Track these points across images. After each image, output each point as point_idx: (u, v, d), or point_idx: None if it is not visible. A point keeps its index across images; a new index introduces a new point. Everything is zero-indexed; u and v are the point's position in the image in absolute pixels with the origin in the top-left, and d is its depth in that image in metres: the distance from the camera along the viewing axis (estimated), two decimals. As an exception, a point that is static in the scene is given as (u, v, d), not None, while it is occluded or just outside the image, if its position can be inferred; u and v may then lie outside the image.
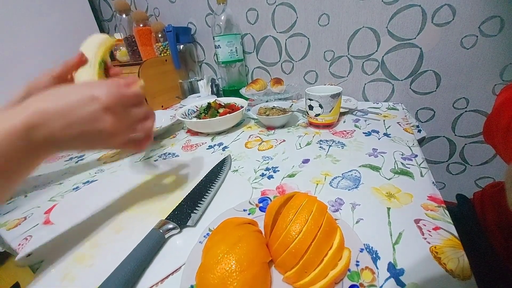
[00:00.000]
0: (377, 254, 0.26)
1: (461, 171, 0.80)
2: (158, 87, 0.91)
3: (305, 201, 0.26)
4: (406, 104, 0.75)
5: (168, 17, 1.01)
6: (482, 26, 0.60)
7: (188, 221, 0.33)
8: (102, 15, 1.19)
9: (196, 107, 0.72)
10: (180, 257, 0.28)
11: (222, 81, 0.96)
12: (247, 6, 0.84)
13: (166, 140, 0.64)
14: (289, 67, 0.88)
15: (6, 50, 0.81)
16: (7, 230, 0.38)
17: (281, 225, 0.25)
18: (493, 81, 0.65)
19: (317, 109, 0.57)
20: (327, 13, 0.74)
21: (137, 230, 0.34)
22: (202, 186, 0.40)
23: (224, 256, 0.22)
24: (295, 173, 0.43)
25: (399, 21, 0.67)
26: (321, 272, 0.22)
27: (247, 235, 0.25)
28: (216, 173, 0.44)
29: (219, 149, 0.56)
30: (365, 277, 0.23)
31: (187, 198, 0.38)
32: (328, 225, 0.24)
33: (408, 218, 0.31)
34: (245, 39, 0.91)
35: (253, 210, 0.34)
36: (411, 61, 0.70)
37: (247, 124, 0.69)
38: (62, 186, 0.48)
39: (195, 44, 1.02)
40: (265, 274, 0.23)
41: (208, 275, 0.21)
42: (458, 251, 0.26)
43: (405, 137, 0.51)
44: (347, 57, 0.78)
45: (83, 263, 0.30)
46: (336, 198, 0.35)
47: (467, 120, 0.72)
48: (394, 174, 0.39)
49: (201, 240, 0.29)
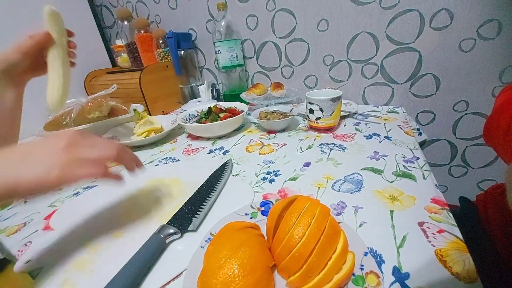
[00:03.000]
0: (382, 257, 0.26)
1: (463, 174, 0.79)
2: (159, 93, 0.92)
3: (308, 204, 0.26)
4: (406, 107, 0.75)
5: (169, 24, 1.02)
6: (480, 30, 0.61)
7: (189, 226, 0.33)
8: (104, 22, 1.21)
9: (196, 111, 0.73)
10: (181, 263, 0.28)
11: (222, 86, 0.97)
12: (247, 12, 0.85)
13: (167, 145, 0.64)
14: (289, 71, 0.89)
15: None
16: (6, 236, 0.37)
17: (284, 229, 0.25)
18: (493, 84, 0.65)
19: (317, 113, 0.57)
20: (326, 18, 0.75)
21: (137, 235, 0.33)
22: (203, 191, 0.40)
23: (227, 260, 0.22)
24: (296, 176, 0.43)
25: (398, 26, 0.68)
26: (325, 276, 0.22)
27: (250, 239, 0.24)
28: (217, 177, 0.43)
29: (220, 153, 0.56)
30: (370, 281, 0.22)
31: (188, 203, 0.37)
32: (331, 228, 0.24)
33: (411, 221, 0.30)
34: (245, 44, 0.92)
35: (255, 214, 0.33)
36: (410, 65, 0.71)
37: (248, 128, 0.69)
38: (62, 192, 0.48)
39: (196, 50, 1.03)
40: (268, 278, 0.23)
41: (210, 280, 0.21)
42: (463, 254, 0.25)
43: (406, 140, 0.51)
44: (347, 62, 0.78)
45: (83, 269, 0.29)
46: (339, 202, 0.35)
47: (468, 122, 0.72)
48: (396, 177, 0.39)
49: (202, 245, 0.29)
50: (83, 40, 1.02)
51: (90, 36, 1.06)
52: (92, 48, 1.08)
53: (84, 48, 1.05)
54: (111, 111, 0.74)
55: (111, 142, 0.31)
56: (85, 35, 1.04)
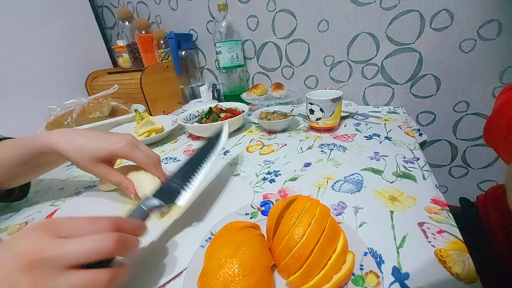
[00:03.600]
0: (381, 258, 0.26)
1: (464, 175, 0.79)
2: (159, 93, 0.92)
3: (308, 204, 0.26)
4: (407, 107, 0.75)
5: (170, 24, 1.02)
6: (480, 30, 0.61)
7: (176, 199, 0.31)
8: (105, 23, 1.21)
9: (197, 112, 0.73)
10: (181, 262, 0.28)
11: (223, 87, 0.97)
12: (248, 13, 0.86)
13: (167, 145, 0.65)
14: (289, 72, 0.89)
15: (10, 57, 0.83)
16: (8, 235, 0.37)
17: (284, 228, 0.25)
18: (493, 84, 0.65)
19: (318, 113, 0.57)
20: (326, 19, 0.75)
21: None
22: (195, 160, 0.36)
23: (227, 260, 0.22)
24: (297, 176, 0.43)
25: (398, 26, 0.68)
26: (325, 276, 0.22)
27: (250, 239, 0.25)
28: (210, 145, 0.39)
29: (221, 153, 0.56)
30: (370, 281, 0.22)
31: (178, 174, 0.34)
32: (331, 228, 0.24)
33: (411, 222, 0.30)
34: (245, 45, 0.92)
35: (255, 214, 0.34)
36: (411, 65, 0.71)
37: (248, 129, 0.69)
38: (64, 191, 0.48)
39: (197, 50, 1.04)
40: (268, 278, 0.23)
41: (210, 279, 0.21)
42: (463, 254, 0.25)
43: (407, 141, 0.51)
44: (347, 62, 0.78)
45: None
46: (339, 202, 0.35)
47: (468, 123, 0.72)
48: (397, 177, 0.39)
49: (203, 244, 0.29)
50: (85, 41, 1.04)
51: (91, 37, 1.07)
52: (93, 49, 1.08)
53: (85, 48, 1.08)
54: (112, 111, 0.75)
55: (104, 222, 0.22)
56: (86, 36, 1.04)
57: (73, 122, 0.68)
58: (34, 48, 0.88)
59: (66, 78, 0.98)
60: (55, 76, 0.94)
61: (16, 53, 0.84)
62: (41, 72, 0.90)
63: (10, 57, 0.83)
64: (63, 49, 0.96)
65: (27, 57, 0.86)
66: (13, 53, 0.83)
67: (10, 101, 0.83)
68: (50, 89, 0.93)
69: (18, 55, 0.84)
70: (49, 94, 0.92)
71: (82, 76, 1.02)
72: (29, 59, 0.87)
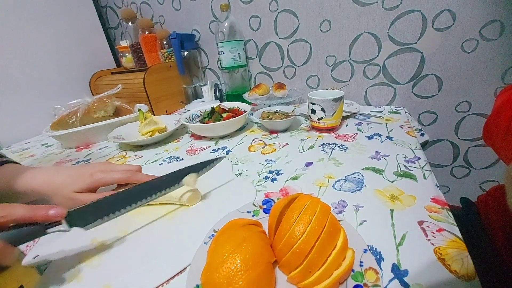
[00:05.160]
0: (381, 255, 0.27)
1: (466, 175, 0.79)
2: (162, 92, 0.93)
3: (309, 202, 0.26)
4: (408, 107, 0.75)
5: (173, 25, 1.03)
6: (482, 30, 0.61)
7: (81, 223, 0.29)
8: (108, 23, 1.22)
9: (200, 111, 0.74)
10: (185, 258, 0.29)
11: (225, 86, 0.97)
12: (250, 13, 0.86)
13: (170, 144, 0.65)
14: (291, 72, 0.89)
15: (15, 57, 0.84)
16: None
17: (285, 226, 0.25)
18: (495, 84, 0.65)
19: (319, 113, 0.57)
20: (328, 19, 0.76)
21: (143, 230, 0.34)
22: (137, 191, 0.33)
23: (230, 255, 0.22)
24: (298, 175, 0.43)
25: (400, 26, 0.68)
26: (325, 272, 0.22)
27: (252, 235, 0.25)
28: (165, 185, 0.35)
29: (223, 152, 0.56)
30: (369, 277, 0.23)
31: (106, 200, 0.31)
32: (331, 226, 0.24)
33: (411, 220, 0.31)
34: (248, 45, 0.92)
35: (257, 211, 0.34)
36: (413, 65, 0.71)
37: (250, 128, 0.70)
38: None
39: (199, 50, 1.04)
40: (269, 273, 0.24)
41: (213, 274, 0.22)
42: (462, 252, 0.26)
43: (408, 140, 0.52)
44: (349, 62, 0.79)
45: (90, 263, 0.30)
46: (340, 200, 0.36)
47: (470, 123, 0.72)
48: (397, 177, 0.40)
49: (206, 241, 0.29)
50: (88, 41, 1.05)
51: (95, 37, 1.08)
52: (97, 49, 1.10)
53: (89, 48, 1.09)
54: (116, 111, 0.75)
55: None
56: (90, 36, 1.06)
57: (77, 121, 0.69)
58: (39, 49, 0.89)
59: (71, 78, 0.99)
60: (60, 76, 0.96)
61: (21, 54, 0.85)
62: (46, 72, 0.92)
63: (15, 57, 0.84)
64: (67, 49, 0.97)
65: (32, 57, 0.88)
66: (18, 54, 0.84)
67: (16, 100, 0.84)
68: (54, 89, 0.94)
69: (23, 55, 0.86)
70: (53, 93, 0.93)
71: (86, 76, 1.03)
72: (33, 59, 0.88)
